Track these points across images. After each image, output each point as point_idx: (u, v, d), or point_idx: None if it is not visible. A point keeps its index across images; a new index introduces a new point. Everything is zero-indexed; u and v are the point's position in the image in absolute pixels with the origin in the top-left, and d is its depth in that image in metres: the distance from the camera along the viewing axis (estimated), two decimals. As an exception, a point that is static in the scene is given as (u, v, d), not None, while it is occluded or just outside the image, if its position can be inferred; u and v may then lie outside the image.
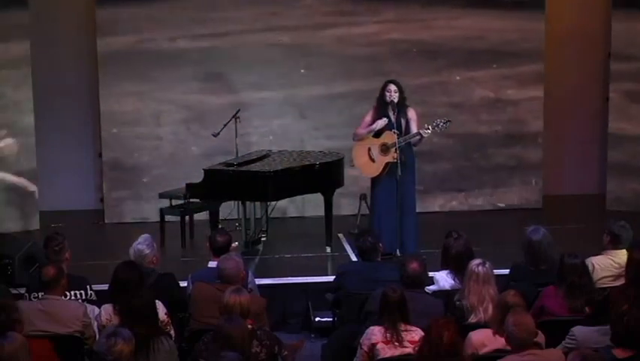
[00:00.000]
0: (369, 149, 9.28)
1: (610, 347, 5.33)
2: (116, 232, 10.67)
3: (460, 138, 11.24)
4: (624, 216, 7.74)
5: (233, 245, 7.30)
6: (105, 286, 6.73)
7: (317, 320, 8.24)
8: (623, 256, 6.89)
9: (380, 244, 7.28)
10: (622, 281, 6.74)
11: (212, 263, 6.97)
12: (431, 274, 7.04)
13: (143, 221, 10.89)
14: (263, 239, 10.06)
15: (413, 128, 9.20)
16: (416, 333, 5.84)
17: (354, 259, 8.96)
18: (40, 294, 6.45)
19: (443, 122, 9.26)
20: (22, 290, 7.13)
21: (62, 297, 6.37)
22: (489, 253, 7.00)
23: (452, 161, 11.39)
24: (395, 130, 9.12)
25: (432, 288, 6.93)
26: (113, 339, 5.15)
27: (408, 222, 9.25)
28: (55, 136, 11.19)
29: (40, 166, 10.85)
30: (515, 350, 5.38)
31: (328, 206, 9.53)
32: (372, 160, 9.28)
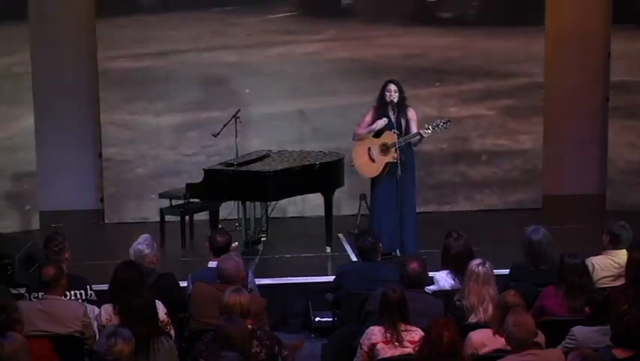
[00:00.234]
0: (369, 149, 9.28)
1: (610, 347, 5.33)
2: (116, 232, 10.68)
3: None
4: (624, 216, 7.74)
5: (233, 245, 7.29)
6: (105, 286, 6.73)
7: (317, 320, 8.23)
8: (623, 256, 6.89)
9: (380, 244, 7.28)
10: (622, 281, 6.74)
11: (212, 263, 6.97)
12: (431, 274, 7.04)
13: (143, 221, 10.90)
14: (263, 239, 10.06)
15: (413, 129, 9.20)
16: (416, 333, 5.84)
17: (354, 259, 8.97)
18: (40, 294, 6.45)
19: (443, 123, 9.27)
20: (22, 290, 7.13)
21: (62, 297, 6.37)
22: (489, 253, 7.00)
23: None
24: (395, 130, 9.12)
25: (432, 288, 6.93)
26: (113, 339, 5.15)
27: (408, 222, 9.25)
28: (55, 136, 11.19)
29: (40, 166, 10.86)
30: (515, 350, 5.38)
31: (328, 206, 9.53)
32: (372, 160, 9.28)
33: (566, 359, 5.22)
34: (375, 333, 5.91)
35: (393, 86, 9.19)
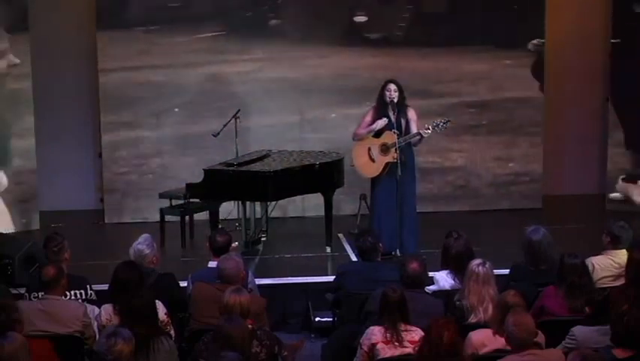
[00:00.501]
0: (369, 149, 9.28)
1: (610, 347, 5.33)
2: (116, 232, 10.68)
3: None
4: (624, 216, 7.74)
5: (234, 245, 7.29)
6: (105, 286, 6.73)
7: (317, 320, 8.23)
8: (623, 256, 6.89)
9: (380, 244, 7.28)
10: (622, 281, 6.74)
11: (212, 263, 6.97)
12: (431, 274, 7.04)
13: (143, 221, 10.90)
14: (263, 239, 10.06)
15: (413, 129, 9.20)
16: (416, 333, 5.84)
17: (354, 259, 8.96)
18: (40, 294, 6.45)
19: (443, 123, 9.27)
20: (22, 290, 7.13)
21: (62, 297, 6.37)
22: (489, 253, 7.00)
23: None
24: (395, 130, 9.12)
25: (432, 288, 6.93)
26: (113, 339, 5.15)
27: (408, 222, 9.25)
28: (55, 136, 11.20)
29: (40, 166, 10.86)
30: (515, 350, 5.38)
31: (328, 206, 9.53)
32: (372, 160, 9.28)
33: (566, 359, 5.22)
34: (375, 333, 5.91)
35: (393, 86, 9.19)
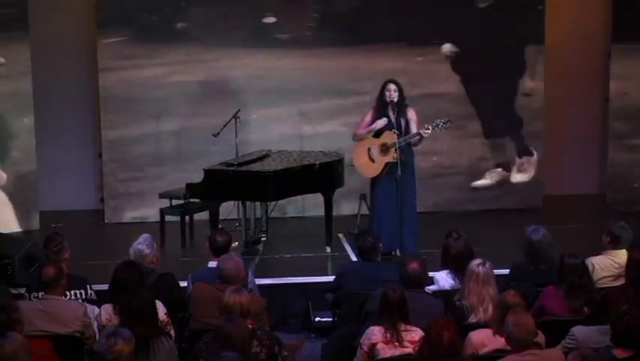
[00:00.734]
0: (369, 149, 9.28)
1: (610, 347, 5.33)
2: (116, 232, 10.68)
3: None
4: (624, 216, 7.74)
5: (234, 245, 7.29)
6: (105, 286, 6.72)
7: (317, 320, 8.23)
8: (623, 256, 6.89)
9: (380, 244, 7.28)
10: (622, 281, 6.74)
11: (212, 263, 6.97)
12: (431, 274, 7.04)
13: (143, 221, 10.91)
14: (263, 239, 10.06)
15: (413, 129, 9.20)
16: (416, 333, 5.84)
17: (354, 259, 8.97)
18: (40, 294, 6.44)
19: (443, 122, 9.27)
20: (22, 290, 7.13)
21: (62, 297, 6.37)
22: (489, 253, 7.00)
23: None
24: (395, 130, 9.12)
25: (432, 288, 6.93)
26: (113, 339, 5.15)
27: (408, 222, 9.24)
28: (55, 136, 11.20)
29: (40, 166, 10.86)
30: (515, 350, 5.38)
31: (328, 206, 9.53)
32: (372, 160, 9.28)
33: (566, 359, 5.22)
34: (375, 333, 5.91)
35: (393, 86, 9.18)
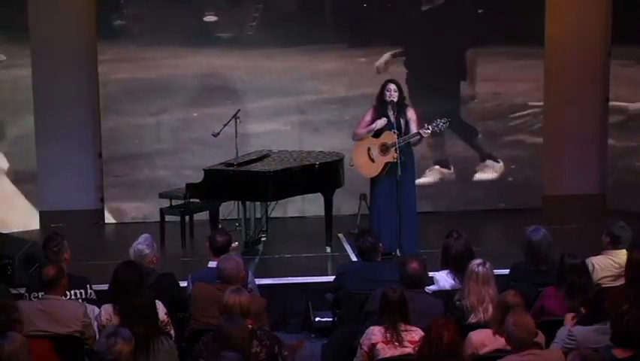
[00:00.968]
0: (369, 149, 9.28)
1: (610, 347, 5.33)
2: (116, 232, 10.68)
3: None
4: (624, 216, 7.74)
5: (233, 245, 7.29)
6: (105, 286, 6.72)
7: (317, 320, 8.23)
8: (623, 256, 6.89)
9: (380, 244, 7.27)
10: (622, 281, 6.74)
11: (212, 263, 6.97)
12: (431, 274, 7.04)
13: (143, 221, 10.91)
14: (263, 239, 10.06)
15: (412, 128, 9.20)
16: (416, 333, 5.84)
17: (354, 259, 8.96)
18: (40, 294, 6.44)
19: (443, 122, 9.27)
20: (22, 290, 7.13)
21: (62, 297, 6.37)
22: (489, 253, 7.01)
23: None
24: (395, 130, 9.12)
25: (432, 288, 6.93)
26: (113, 339, 5.15)
27: (408, 222, 9.24)
28: (55, 136, 11.20)
29: (40, 166, 10.86)
30: (515, 350, 5.38)
31: (328, 206, 9.53)
32: (372, 160, 9.28)
33: (566, 359, 5.22)
34: (375, 333, 5.91)
35: (393, 86, 9.18)
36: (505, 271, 7.20)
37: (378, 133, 9.26)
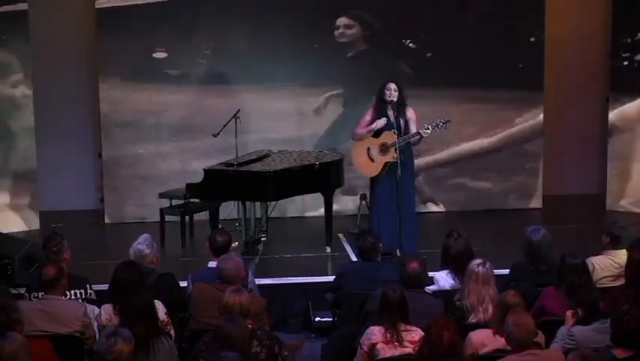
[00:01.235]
0: (369, 148, 9.27)
1: (610, 347, 5.33)
2: (116, 232, 10.68)
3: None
4: (624, 216, 7.75)
5: (233, 245, 7.29)
6: (105, 286, 6.72)
7: (317, 320, 8.23)
8: (623, 256, 6.89)
9: (380, 244, 7.27)
10: (622, 281, 6.75)
11: (212, 263, 6.97)
12: (431, 274, 7.04)
13: (143, 221, 10.91)
14: (263, 239, 10.06)
15: (412, 128, 9.19)
16: (416, 333, 5.84)
17: (354, 259, 8.96)
18: (40, 294, 6.44)
19: (443, 122, 9.27)
20: (22, 290, 7.13)
21: (62, 297, 6.37)
22: (489, 253, 7.00)
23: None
24: (394, 130, 9.11)
25: (432, 288, 6.93)
26: (112, 339, 5.15)
27: (408, 222, 9.24)
28: (55, 136, 11.20)
29: (40, 166, 10.86)
30: (515, 350, 5.38)
31: (328, 206, 9.53)
32: (372, 160, 9.28)
33: (566, 359, 5.23)
34: (375, 333, 5.91)
35: (393, 85, 9.16)
36: (505, 271, 7.20)
37: (377, 133, 9.26)
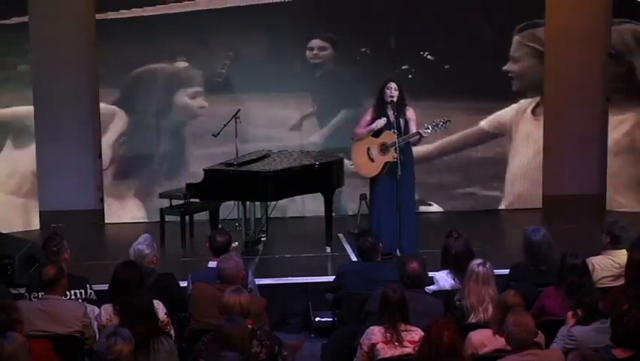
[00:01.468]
0: (369, 148, 9.27)
1: (610, 347, 5.33)
2: (116, 232, 10.68)
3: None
4: (623, 216, 7.75)
5: (233, 245, 7.29)
6: (105, 286, 6.72)
7: (317, 320, 8.23)
8: (623, 256, 6.89)
9: (380, 244, 7.27)
10: (622, 281, 6.74)
11: (212, 263, 6.97)
12: (431, 274, 7.04)
13: (143, 221, 10.91)
14: (263, 239, 10.06)
15: (412, 128, 9.19)
16: (416, 333, 5.84)
17: (354, 259, 8.96)
18: (40, 294, 6.44)
19: (443, 122, 9.27)
20: (22, 290, 7.13)
21: (62, 297, 6.37)
22: (489, 253, 7.01)
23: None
24: (394, 130, 9.11)
25: (432, 288, 6.93)
26: (112, 339, 5.15)
27: (408, 222, 9.24)
28: (55, 136, 11.20)
29: (40, 166, 10.86)
30: (515, 350, 5.38)
31: (328, 206, 9.53)
32: (372, 160, 9.28)
33: (566, 359, 5.23)
34: (375, 333, 5.91)
35: (393, 85, 9.15)
36: (505, 271, 7.20)
37: (377, 133, 9.25)
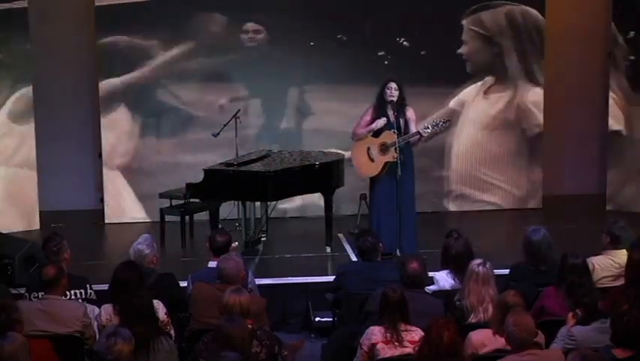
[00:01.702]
0: (369, 148, 9.27)
1: (610, 347, 5.33)
2: (116, 232, 10.68)
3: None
4: (624, 216, 7.74)
5: (233, 245, 7.29)
6: (105, 286, 6.72)
7: (317, 320, 8.23)
8: (623, 256, 6.89)
9: (380, 244, 7.27)
10: (622, 281, 6.74)
11: (212, 263, 6.97)
12: (431, 274, 7.04)
13: (143, 221, 10.91)
14: (263, 239, 10.06)
15: (412, 128, 9.19)
16: (416, 333, 5.84)
17: (354, 259, 8.96)
18: (40, 294, 6.44)
19: (443, 122, 9.27)
20: (22, 290, 7.13)
21: (62, 297, 6.37)
22: (489, 253, 7.00)
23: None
24: (394, 130, 9.11)
25: (432, 288, 6.93)
26: (112, 339, 5.15)
27: (408, 222, 9.24)
28: (55, 136, 11.20)
29: (40, 166, 10.85)
30: (515, 350, 5.38)
31: (328, 206, 9.53)
32: (371, 160, 9.27)
33: (566, 359, 5.23)
34: (375, 333, 5.91)
35: (393, 84, 9.14)
36: (505, 271, 7.20)
37: (377, 133, 9.25)
